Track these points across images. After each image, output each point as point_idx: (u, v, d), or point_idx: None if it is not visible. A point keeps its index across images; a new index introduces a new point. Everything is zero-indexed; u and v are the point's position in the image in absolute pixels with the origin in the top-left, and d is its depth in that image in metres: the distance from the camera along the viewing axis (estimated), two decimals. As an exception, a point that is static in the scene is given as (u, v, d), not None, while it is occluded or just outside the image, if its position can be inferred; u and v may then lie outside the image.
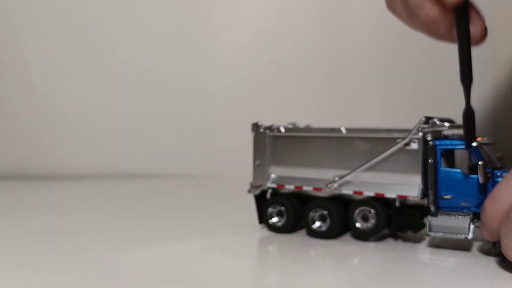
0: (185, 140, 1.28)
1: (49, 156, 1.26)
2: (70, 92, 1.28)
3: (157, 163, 1.26)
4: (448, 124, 0.56)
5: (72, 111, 1.28)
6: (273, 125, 0.65)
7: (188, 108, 1.29)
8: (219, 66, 1.29)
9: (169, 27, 1.28)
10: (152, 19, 1.28)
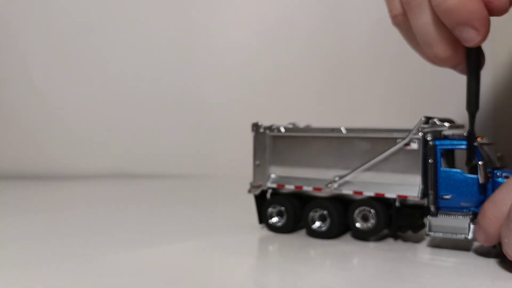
0: (185, 140, 1.28)
1: (49, 156, 1.26)
2: (70, 92, 1.28)
3: (157, 163, 1.26)
4: (448, 124, 0.56)
5: (72, 111, 1.28)
6: (273, 125, 0.65)
7: (188, 108, 1.29)
8: (219, 66, 1.29)
9: (170, 27, 1.28)
10: (153, 19, 1.28)
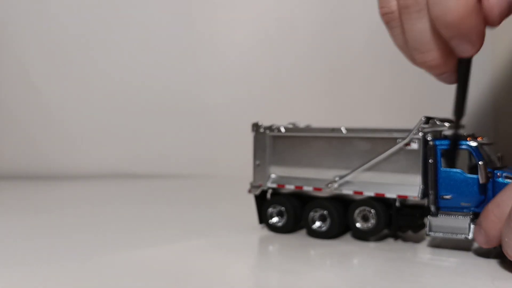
0: (185, 140, 1.28)
1: (49, 156, 1.27)
2: (70, 92, 1.28)
3: (157, 163, 1.26)
4: (448, 124, 0.56)
5: (72, 111, 1.28)
6: (273, 125, 0.65)
7: (188, 108, 1.29)
8: (220, 67, 1.29)
9: (171, 28, 1.28)
10: (154, 20, 1.28)
